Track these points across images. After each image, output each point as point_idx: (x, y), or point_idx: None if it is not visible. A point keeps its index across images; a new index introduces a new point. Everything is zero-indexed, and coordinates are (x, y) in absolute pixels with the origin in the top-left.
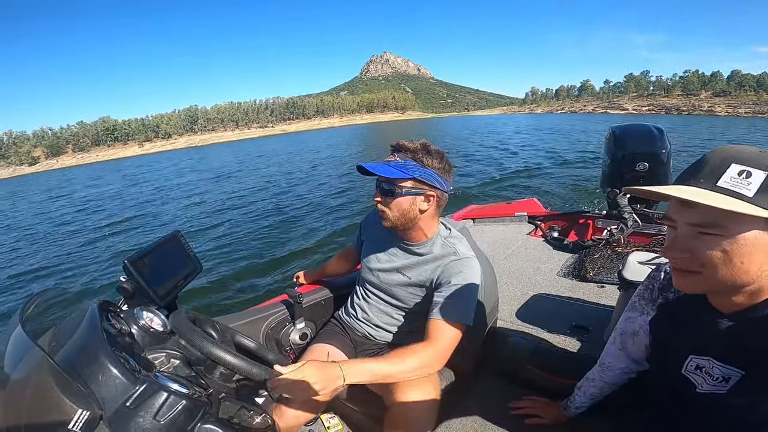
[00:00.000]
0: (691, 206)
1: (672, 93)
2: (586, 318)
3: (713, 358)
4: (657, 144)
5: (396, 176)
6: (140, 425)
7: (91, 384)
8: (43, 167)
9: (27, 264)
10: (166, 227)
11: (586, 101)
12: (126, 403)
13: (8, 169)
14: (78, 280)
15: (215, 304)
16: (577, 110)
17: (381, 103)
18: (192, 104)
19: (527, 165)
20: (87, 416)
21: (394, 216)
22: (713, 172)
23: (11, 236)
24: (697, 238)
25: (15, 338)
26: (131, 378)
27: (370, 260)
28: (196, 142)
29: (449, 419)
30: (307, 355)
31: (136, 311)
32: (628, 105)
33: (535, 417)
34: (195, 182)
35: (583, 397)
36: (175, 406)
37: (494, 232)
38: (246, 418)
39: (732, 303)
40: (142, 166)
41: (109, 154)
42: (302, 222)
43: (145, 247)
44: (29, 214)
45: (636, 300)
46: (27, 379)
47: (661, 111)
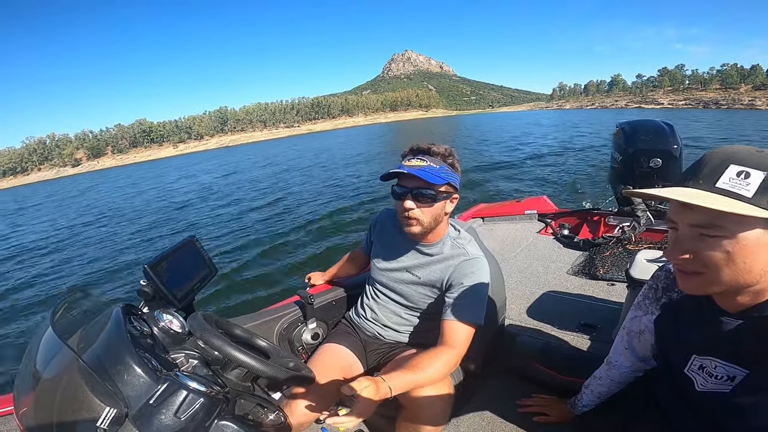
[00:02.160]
0: (691, 208)
1: (709, 87)
2: (595, 316)
3: (717, 357)
4: (669, 140)
5: (438, 182)
6: (162, 422)
7: (117, 383)
8: (85, 168)
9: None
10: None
11: (617, 96)
12: (149, 401)
13: (52, 170)
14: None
15: (230, 306)
16: (608, 106)
17: (405, 102)
18: (222, 105)
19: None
20: (114, 413)
21: (428, 221)
22: (712, 173)
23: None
24: (698, 240)
25: (46, 339)
26: (154, 377)
27: (380, 260)
28: (226, 142)
29: (458, 416)
30: (319, 355)
31: (157, 313)
32: (663, 99)
33: (542, 415)
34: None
35: (590, 395)
36: (193, 404)
37: (504, 231)
38: (260, 415)
39: (736, 303)
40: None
41: (145, 156)
42: (314, 223)
43: (163, 251)
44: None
45: (641, 299)
46: (58, 378)
47: (699, 105)
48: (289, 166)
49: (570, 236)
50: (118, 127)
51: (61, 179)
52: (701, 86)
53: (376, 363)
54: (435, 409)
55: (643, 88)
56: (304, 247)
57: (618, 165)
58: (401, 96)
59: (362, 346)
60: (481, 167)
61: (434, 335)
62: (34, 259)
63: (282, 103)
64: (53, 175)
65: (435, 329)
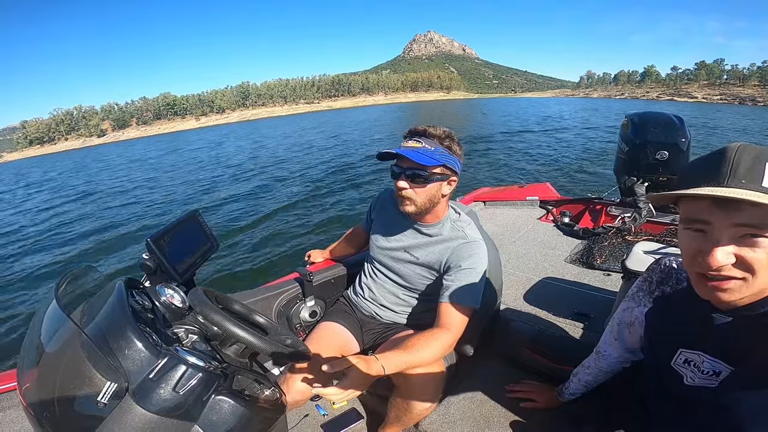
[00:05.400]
0: (737, 208)
1: (748, 83)
2: (589, 305)
3: (704, 352)
4: (678, 133)
5: (431, 163)
6: (161, 396)
7: (119, 357)
8: (110, 139)
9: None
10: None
11: (649, 87)
12: (149, 375)
13: (79, 140)
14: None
15: (230, 281)
16: (639, 96)
17: (426, 83)
18: (244, 80)
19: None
20: (114, 388)
21: (422, 202)
22: (752, 172)
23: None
24: (741, 242)
25: (50, 313)
26: (154, 352)
27: (379, 239)
28: (247, 116)
29: (448, 397)
30: (316, 332)
31: (158, 288)
32: (697, 93)
33: (530, 401)
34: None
35: (577, 384)
36: (192, 378)
37: (504, 216)
38: (257, 390)
39: (735, 302)
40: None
41: (169, 127)
42: (315, 201)
43: (166, 225)
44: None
45: (635, 291)
46: (61, 353)
47: (735, 101)
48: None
49: (570, 224)
50: (143, 100)
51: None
52: (739, 82)
53: (372, 342)
54: (427, 389)
55: (678, 81)
56: (306, 225)
57: (624, 155)
58: (423, 77)
59: (359, 326)
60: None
61: (431, 317)
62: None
63: (302, 79)
64: (79, 144)
65: (431, 311)
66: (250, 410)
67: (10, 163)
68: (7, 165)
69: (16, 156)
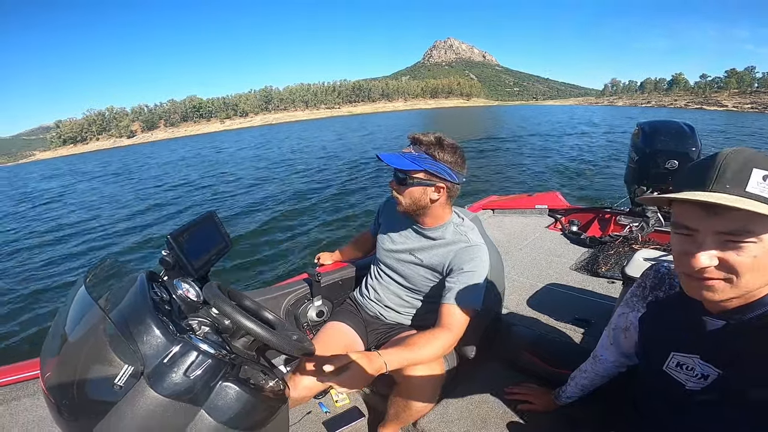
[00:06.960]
0: (718, 213)
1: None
2: (590, 311)
3: (696, 356)
4: (688, 142)
5: (408, 168)
6: (173, 380)
7: (138, 342)
8: (139, 140)
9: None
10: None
11: (677, 95)
12: (164, 360)
13: (109, 140)
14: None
15: (242, 280)
16: (666, 104)
17: (446, 89)
18: (266, 85)
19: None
20: (131, 371)
21: (407, 203)
22: (737, 178)
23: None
24: (724, 246)
25: (78, 299)
26: (170, 339)
27: (385, 241)
28: (270, 120)
29: (448, 397)
30: (323, 331)
31: (176, 281)
32: (727, 102)
33: (527, 403)
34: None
35: (574, 387)
36: (202, 364)
37: (513, 223)
38: (261, 381)
39: (722, 305)
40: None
41: (195, 129)
42: (327, 204)
43: (185, 224)
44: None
45: (629, 297)
46: (85, 337)
47: (766, 110)
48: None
49: (578, 233)
50: (170, 102)
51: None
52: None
53: (377, 342)
54: (427, 388)
55: (707, 89)
56: (317, 228)
57: (634, 165)
58: (442, 83)
59: (364, 326)
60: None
61: (433, 318)
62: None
63: (324, 84)
64: (110, 144)
65: (434, 312)
66: (255, 398)
67: (47, 161)
68: (45, 162)
69: (49, 154)
